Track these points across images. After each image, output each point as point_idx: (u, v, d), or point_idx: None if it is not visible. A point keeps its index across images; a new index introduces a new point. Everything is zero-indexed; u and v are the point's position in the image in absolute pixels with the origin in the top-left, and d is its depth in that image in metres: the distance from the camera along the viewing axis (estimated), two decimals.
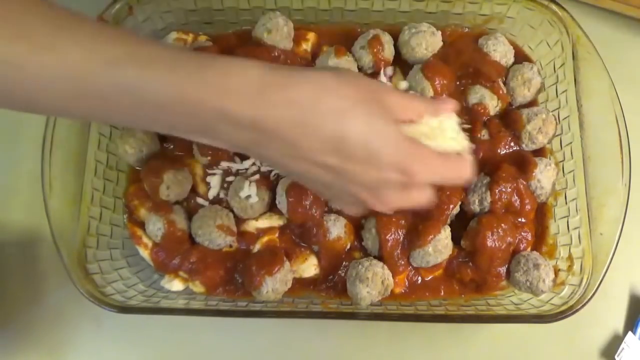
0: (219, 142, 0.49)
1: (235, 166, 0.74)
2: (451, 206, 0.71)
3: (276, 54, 0.76)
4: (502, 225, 0.70)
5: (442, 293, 0.73)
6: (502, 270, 0.72)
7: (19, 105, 0.46)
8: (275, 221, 0.74)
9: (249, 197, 0.71)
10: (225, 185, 0.75)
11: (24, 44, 0.42)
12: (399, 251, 0.71)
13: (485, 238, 0.69)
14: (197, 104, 0.44)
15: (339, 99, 0.47)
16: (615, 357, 0.74)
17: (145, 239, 0.74)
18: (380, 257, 0.72)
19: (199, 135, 0.48)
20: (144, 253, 0.74)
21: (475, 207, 0.72)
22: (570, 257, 0.71)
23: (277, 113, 0.45)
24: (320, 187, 0.53)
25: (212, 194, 0.75)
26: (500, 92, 0.75)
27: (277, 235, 0.74)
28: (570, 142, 0.74)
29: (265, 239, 0.73)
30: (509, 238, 0.70)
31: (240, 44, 0.78)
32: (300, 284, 0.73)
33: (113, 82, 0.43)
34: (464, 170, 0.53)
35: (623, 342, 0.74)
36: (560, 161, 0.75)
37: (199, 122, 0.46)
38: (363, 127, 0.47)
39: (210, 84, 0.44)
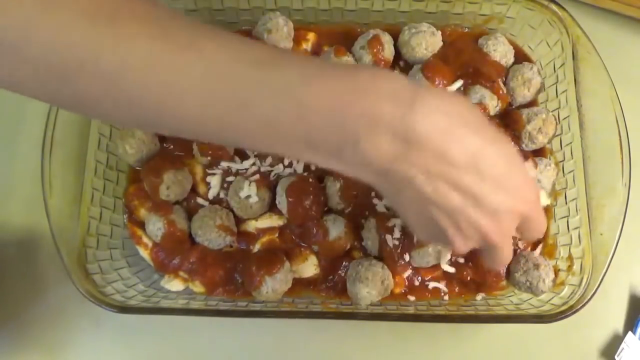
0: (357, 160, 0.43)
1: (235, 166, 0.74)
2: None
3: None
4: None
5: (442, 294, 0.73)
6: (502, 270, 0.72)
7: (153, 114, 0.42)
8: (275, 221, 0.74)
9: (249, 197, 0.71)
10: (225, 185, 0.74)
11: (168, 43, 0.40)
12: (399, 251, 0.71)
13: None
14: (347, 107, 0.40)
15: (475, 115, 0.45)
16: (615, 357, 0.74)
17: (145, 239, 0.74)
18: (380, 257, 0.72)
19: (334, 154, 0.43)
20: (144, 253, 0.74)
21: None
22: (570, 257, 0.71)
23: (430, 120, 0.41)
24: (436, 213, 0.47)
25: (212, 194, 0.75)
26: (500, 92, 0.75)
27: (277, 235, 0.74)
28: (570, 142, 0.74)
29: (265, 239, 0.73)
30: None
31: None
32: (300, 284, 0.73)
33: (263, 83, 0.40)
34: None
35: (623, 342, 0.74)
36: (560, 161, 0.75)
37: (342, 133, 0.41)
38: (498, 145, 0.45)
39: (362, 88, 0.41)
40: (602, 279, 0.67)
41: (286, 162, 0.73)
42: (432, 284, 0.73)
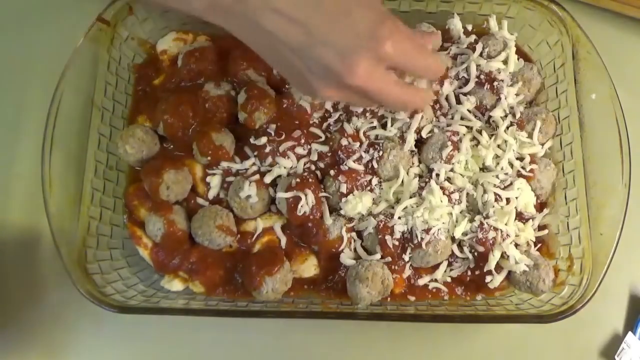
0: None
1: (235, 166, 0.74)
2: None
3: None
4: None
5: (443, 294, 0.73)
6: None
7: None
8: (275, 221, 0.74)
9: (249, 197, 0.71)
10: (225, 185, 0.74)
11: None
12: (398, 251, 0.71)
13: (487, 240, 0.69)
14: None
15: None
16: (615, 357, 0.74)
17: (145, 239, 0.74)
18: (380, 257, 0.71)
19: None
20: (144, 253, 0.74)
21: None
22: (570, 257, 0.71)
23: None
24: (284, 55, 0.52)
25: (212, 194, 0.75)
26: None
27: (277, 235, 0.74)
28: (570, 142, 0.74)
29: (265, 239, 0.73)
30: None
31: (240, 44, 0.78)
32: (300, 284, 0.73)
33: None
34: (438, 65, 0.56)
35: (623, 342, 0.74)
36: (560, 161, 0.75)
37: None
38: None
39: None
40: (602, 279, 0.67)
41: (287, 163, 0.73)
42: (432, 285, 0.73)
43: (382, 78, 0.55)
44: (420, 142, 0.74)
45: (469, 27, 0.78)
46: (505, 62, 0.76)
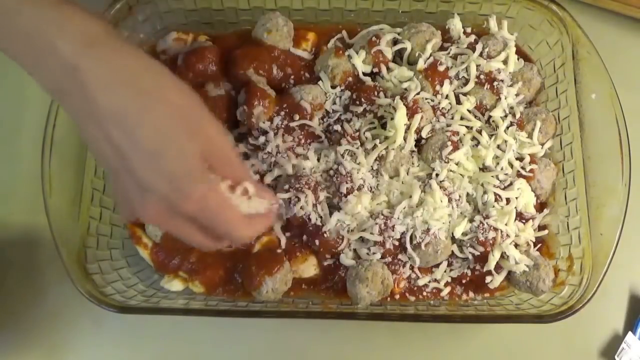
0: (42, 76, 0.48)
1: None
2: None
3: (276, 54, 0.76)
4: None
5: (443, 294, 0.73)
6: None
7: None
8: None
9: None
10: None
11: None
12: (398, 251, 0.71)
13: (487, 240, 0.69)
14: (38, 33, 0.46)
15: (163, 88, 0.47)
16: (615, 357, 0.74)
17: (145, 239, 0.74)
18: (380, 257, 0.71)
19: (26, 61, 0.48)
20: (144, 253, 0.74)
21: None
22: (570, 257, 0.71)
23: (98, 69, 0.46)
24: (105, 167, 0.52)
25: None
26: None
27: (277, 235, 0.74)
28: (570, 142, 0.74)
29: (265, 239, 0.73)
30: None
31: (240, 44, 0.78)
32: (300, 284, 0.73)
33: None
34: (245, 231, 0.52)
35: (623, 342, 0.74)
36: (560, 161, 0.75)
37: (35, 50, 0.47)
38: (168, 124, 0.46)
39: (53, 20, 0.46)
40: (602, 279, 0.67)
41: (287, 163, 0.73)
42: (432, 285, 0.73)
43: (175, 224, 0.50)
44: (420, 142, 0.74)
45: (469, 30, 0.78)
46: (505, 62, 0.76)
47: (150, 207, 0.48)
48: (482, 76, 0.75)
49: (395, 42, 0.77)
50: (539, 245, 0.73)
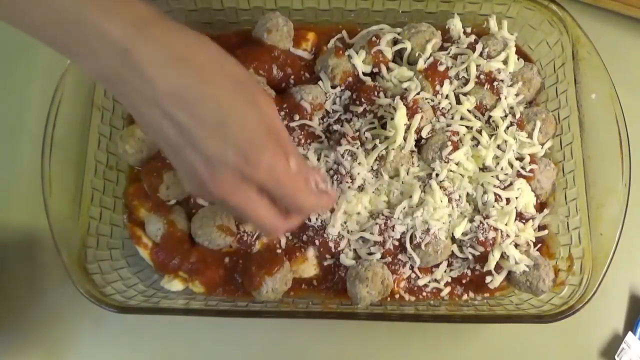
0: (89, 62, 0.47)
1: None
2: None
3: (276, 54, 0.76)
4: None
5: (443, 294, 0.73)
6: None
7: None
8: None
9: None
10: None
11: None
12: (398, 251, 0.71)
13: (487, 240, 0.69)
14: (83, 19, 0.45)
15: (217, 62, 0.47)
16: (615, 357, 0.74)
17: (145, 239, 0.74)
18: (380, 257, 0.71)
19: (73, 48, 0.47)
20: (144, 253, 0.74)
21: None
22: (570, 257, 0.71)
23: (151, 49, 0.45)
24: (165, 146, 0.51)
25: None
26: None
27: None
28: (570, 142, 0.74)
29: (265, 239, 0.73)
30: None
31: (240, 44, 0.78)
32: (300, 284, 0.73)
33: None
34: (314, 201, 0.52)
35: (623, 342, 0.74)
36: (560, 161, 0.75)
37: (81, 36, 0.46)
38: (228, 95, 0.47)
39: (99, 5, 0.45)
40: (602, 279, 0.67)
41: None
42: (432, 285, 0.73)
43: (246, 196, 0.51)
44: (420, 142, 0.74)
45: (469, 30, 0.78)
46: (505, 62, 0.76)
47: (221, 180, 0.49)
48: (482, 76, 0.75)
49: (395, 42, 0.77)
50: (539, 245, 0.73)
